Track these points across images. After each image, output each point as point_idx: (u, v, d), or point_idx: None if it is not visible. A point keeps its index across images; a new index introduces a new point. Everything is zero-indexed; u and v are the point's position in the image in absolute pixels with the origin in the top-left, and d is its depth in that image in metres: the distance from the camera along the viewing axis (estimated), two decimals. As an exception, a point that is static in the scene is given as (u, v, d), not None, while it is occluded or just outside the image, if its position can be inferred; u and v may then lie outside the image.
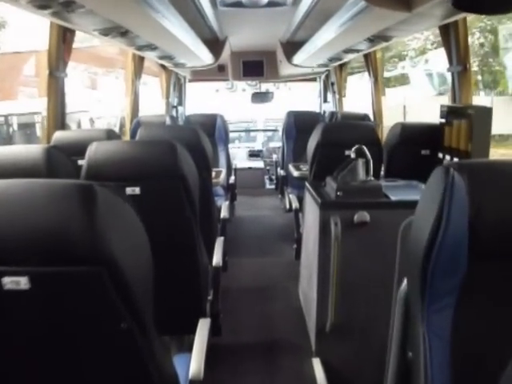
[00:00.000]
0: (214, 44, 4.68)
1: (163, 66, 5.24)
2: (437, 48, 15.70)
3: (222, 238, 2.57)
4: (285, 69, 5.77)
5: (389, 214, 2.22)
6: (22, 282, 0.85)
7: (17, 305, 0.89)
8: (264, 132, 7.16)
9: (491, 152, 2.50)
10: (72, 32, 2.69)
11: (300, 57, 4.70)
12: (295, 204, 3.40)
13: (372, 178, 2.39)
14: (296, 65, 5.15)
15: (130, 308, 0.91)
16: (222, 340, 2.43)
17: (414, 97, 14.15)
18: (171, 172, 1.81)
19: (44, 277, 0.86)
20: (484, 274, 0.98)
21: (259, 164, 6.52)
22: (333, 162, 2.47)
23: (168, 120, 4.35)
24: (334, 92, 5.91)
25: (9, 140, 10.39)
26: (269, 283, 3.43)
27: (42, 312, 0.91)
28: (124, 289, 0.88)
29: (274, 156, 6.04)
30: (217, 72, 5.96)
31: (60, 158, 1.85)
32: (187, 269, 1.97)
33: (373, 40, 3.10)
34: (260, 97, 6.58)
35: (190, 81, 6.50)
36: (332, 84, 5.98)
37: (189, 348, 1.84)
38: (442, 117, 2.67)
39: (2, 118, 10.56)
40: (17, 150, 1.80)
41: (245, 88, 7.26)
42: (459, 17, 2.47)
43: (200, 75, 6.04)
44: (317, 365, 2.33)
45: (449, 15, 2.40)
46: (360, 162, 2.36)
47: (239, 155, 6.66)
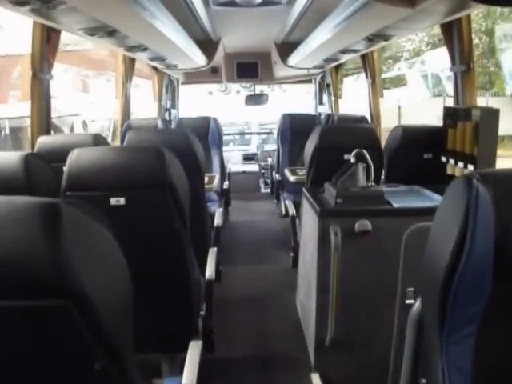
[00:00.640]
0: (207, 45, 4.58)
1: (155, 68, 5.14)
2: (432, 49, 15.71)
3: (215, 249, 2.44)
4: (280, 70, 5.67)
5: (391, 222, 2.11)
6: None
7: None
8: (259, 135, 7.05)
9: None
10: (57, 32, 2.56)
11: (295, 58, 4.59)
12: (292, 210, 3.28)
13: (373, 184, 2.28)
14: (291, 66, 5.04)
15: (105, 346, 0.77)
16: (216, 355, 2.30)
17: (409, 98, 14.09)
18: (158, 180, 1.68)
19: (3, 312, 0.73)
20: (509, 298, 0.86)
21: (254, 168, 6.40)
22: (331, 167, 2.37)
23: (160, 123, 4.23)
24: (330, 94, 5.81)
25: (1, 144, 10.26)
26: (265, 293, 3.29)
27: (6, 349, 0.77)
28: (97, 324, 0.74)
29: (269, 159, 5.92)
30: (210, 74, 5.87)
31: (39, 165, 1.72)
32: (177, 284, 1.84)
33: (372, 39, 2.98)
34: (254, 99, 6.46)
35: (183, 83, 6.39)
36: (328, 86, 5.88)
37: (180, 368, 1.73)
38: (445, 119, 2.55)
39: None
40: None
41: (239, 90, 7.18)
42: (463, 14, 2.37)
43: (193, 77, 5.94)
44: (316, 380, 2.23)
45: (453, 12, 2.29)
46: (360, 167, 2.25)
47: (233, 158, 6.55)
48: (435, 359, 0.93)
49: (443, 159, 2.52)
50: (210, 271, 2.16)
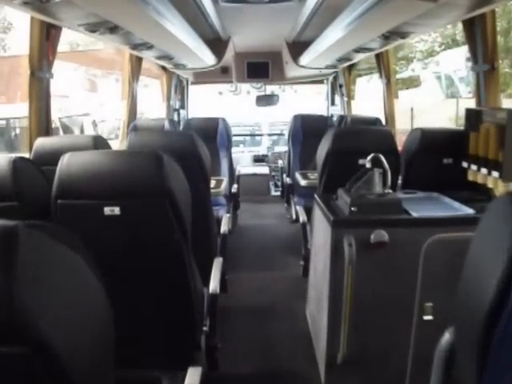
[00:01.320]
0: (217, 44, 4.47)
1: (164, 68, 5.03)
2: (444, 50, 15.51)
3: (221, 259, 2.29)
4: (291, 70, 5.53)
5: (410, 233, 1.97)
6: None
7: None
8: (269, 136, 6.91)
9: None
10: (57, 28, 2.43)
11: (307, 57, 4.45)
12: (303, 217, 3.12)
13: (390, 191, 2.13)
14: (303, 66, 4.90)
15: None
16: (219, 371, 2.16)
17: (422, 100, 13.87)
18: (156, 188, 1.54)
19: None
20: None
21: (264, 170, 6.25)
22: (345, 172, 2.22)
23: (167, 124, 4.11)
24: (343, 94, 5.66)
25: (10, 143, 10.24)
26: (273, 302, 3.13)
27: None
28: (63, 374, 0.61)
29: (280, 162, 5.77)
30: (220, 74, 5.76)
31: (29, 170, 1.60)
32: (178, 299, 1.70)
33: (388, 37, 2.81)
34: (265, 99, 6.33)
35: (193, 83, 6.28)
36: (340, 86, 5.73)
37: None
38: (467, 121, 2.39)
39: (4, 122, 10.43)
40: None
41: (249, 90, 7.05)
42: (488, 8, 2.21)
43: (203, 77, 5.82)
44: None
45: (476, 6, 2.15)
46: (376, 173, 2.10)
47: (243, 160, 6.41)
48: None
49: (464, 164, 2.36)
50: (215, 284, 2.02)
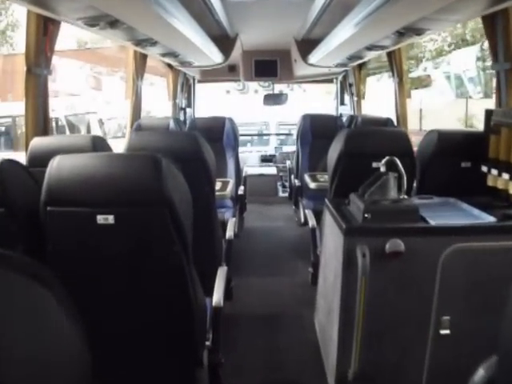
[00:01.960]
0: (224, 41, 4.36)
1: (170, 66, 4.91)
2: (454, 50, 15.34)
3: (226, 268, 2.17)
4: (300, 69, 5.42)
5: (427, 242, 1.85)
6: None
7: None
8: (277, 135, 6.78)
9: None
10: (55, 23, 2.32)
11: (316, 56, 4.32)
12: (312, 221, 2.98)
13: (405, 196, 2.00)
14: (312, 64, 4.77)
15: None
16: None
17: (432, 100, 13.71)
18: (154, 195, 1.41)
19: None
20: None
21: (272, 170, 6.12)
22: (358, 176, 2.10)
23: (172, 124, 3.99)
24: (352, 94, 5.53)
25: (16, 141, 10.20)
26: (279, 310, 3.00)
27: None
28: None
29: (288, 162, 5.63)
30: (227, 72, 5.65)
31: (18, 174, 1.49)
32: (178, 314, 1.58)
33: (403, 33, 2.68)
34: (273, 98, 6.21)
35: (199, 81, 6.17)
36: (350, 85, 5.60)
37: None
38: (487, 123, 2.25)
39: (10, 119, 10.38)
40: None
41: (257, 89, 6.95)
42: (511, 3, 2.08)
43: (209, 75, 5.71)
44: None
45: (498, 1, 2.01)
46: (391, 177, 1.97)
47: (250, 160, 6.29)
48: None
49: (484, 169, 2.23)
50: (218, 297, 1.89)
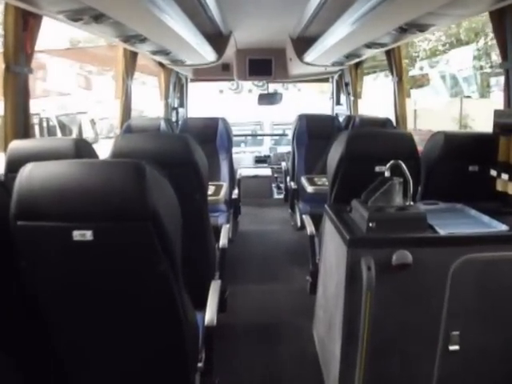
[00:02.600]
0: (217, 39, 4.23)
1: (161, 64, 4.76)
2: (449, 49, 15.25)
3: (219, 282, 2.02)
4: (295, 68, 5.29)
5: (436, 254, 1.73)
6: None
7: None
8: (271, 136, 6.64)
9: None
10: (36, 17, 2.16)
11: (312, 54, 4.19)
12: (310, 228, 2.83)
13: (411, 203, 1.87)
14: (307, 63, 4.64)
15: None
16: None
17: (426, 99, 13.64)
18: (138, 208, 1.26)
19: None
20: None
21: (266, 171, 5.98)
22: (360, 181, 1.97)
23: (163, 124, 3.84)
24: (349, 93, 5.41)
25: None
26: (276, 320, 2.86)
27: None
28: None
29: (283, 164, 5.48)
30: (221, 71, 5.53)
31: None
32: (166, 336, 1.44)
33: (406, 30, 2.54)
34: (267, 98, 6.08)
35: (192, 80, 6.04)
36: (346, 84, 5.48)
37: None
38: (496, 125, 2.13)
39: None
40: None
41: (251, 89, 6.81)
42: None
43: (202, 74, 5.57)
44: None
45: None
46: (397, 183, 1.84)
47: (244, 161, 6.15)
48: None
49: (492, 173, 2.10)
50: (211, 314, 1.74)
